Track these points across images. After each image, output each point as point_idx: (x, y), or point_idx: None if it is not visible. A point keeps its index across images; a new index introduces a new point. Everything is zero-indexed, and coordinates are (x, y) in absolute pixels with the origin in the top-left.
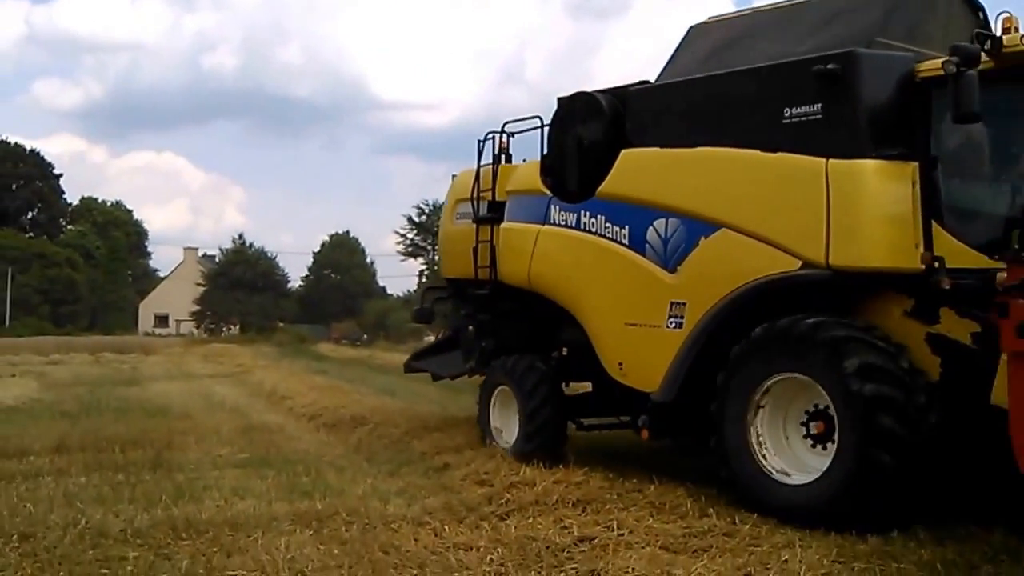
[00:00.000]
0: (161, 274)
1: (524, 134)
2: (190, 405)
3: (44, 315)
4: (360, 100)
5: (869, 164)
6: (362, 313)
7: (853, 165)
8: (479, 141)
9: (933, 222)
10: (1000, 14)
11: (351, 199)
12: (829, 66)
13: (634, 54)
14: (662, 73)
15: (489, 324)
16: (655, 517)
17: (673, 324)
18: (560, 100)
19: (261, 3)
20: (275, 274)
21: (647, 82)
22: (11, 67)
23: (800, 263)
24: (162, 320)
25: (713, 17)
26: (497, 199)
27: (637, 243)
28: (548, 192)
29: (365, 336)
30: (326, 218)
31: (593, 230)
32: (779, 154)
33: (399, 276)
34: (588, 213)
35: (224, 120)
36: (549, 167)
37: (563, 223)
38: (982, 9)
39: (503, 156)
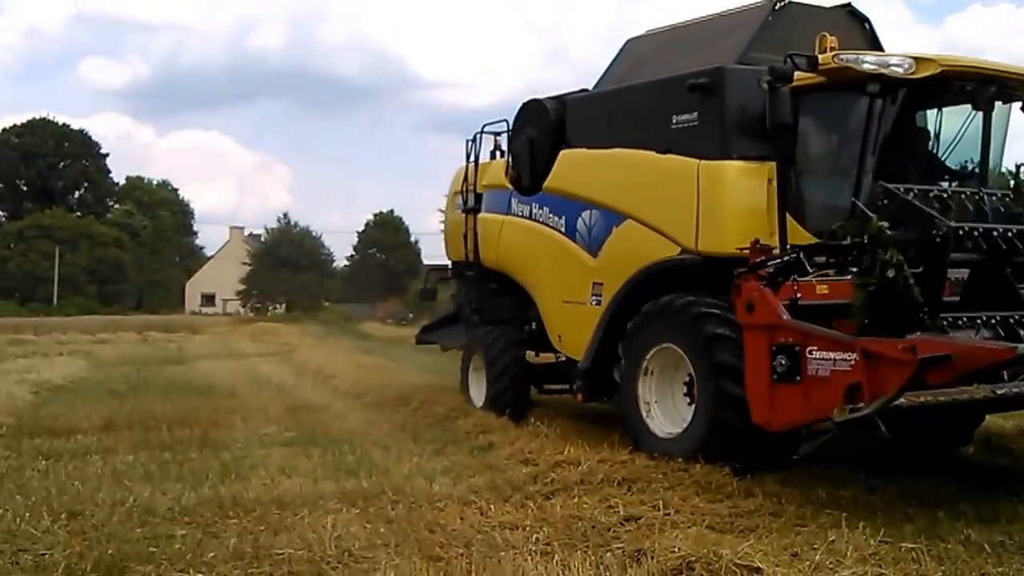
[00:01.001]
0: (207, 253)
1: None
2: (236, 384)
3: (91, 294)
4: (404, 79)
5: (731, 164)
6: (407, 292)
7: (718, 165)
8: (467, 141)
9: (787, 214)
10: (819, 35)
11: (395, 178)
12: (701, 80)
13: None
14: (599, 82)
15: (478, 301)
16: (701, 496)
17: (594, 301)
18: (521, 105)
19: None
20: (320, 253)
21: (586, 90)
22: (59, 47)
23: (679, 249)
24: (208, 299)
25: (649, 31)
26: (479, 192)
27: (571, 231)
28: (510, 187)
29: (411, 315)
30: (371, 197)
31: (541, 220)
32: (668, 155)
33: (443, 255)
34: (537, 205)
35: (269, 99)
36: (511, 165)
37: (521, 214)
38: (867, 20)
39: (497, 152)
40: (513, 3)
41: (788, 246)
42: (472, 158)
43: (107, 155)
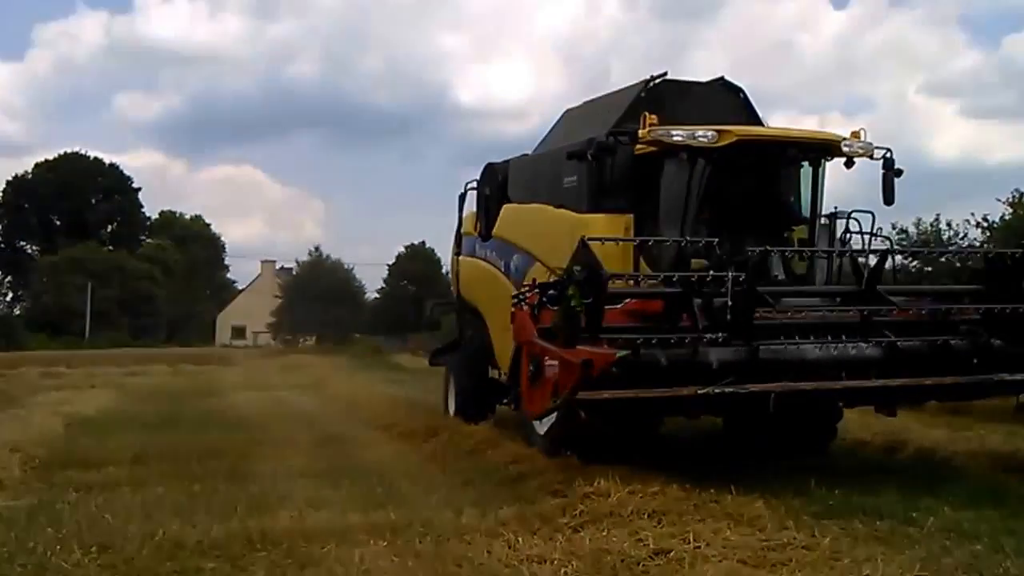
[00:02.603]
0: (239, 286)
1: None
2: (266, 416)
3: (123, 328)
4: (441, 109)
5: (597, 217)
6: (438, 324)
7: (587, 217)
8: (459, 195)
9: (641, 257)
10: (643, 113)
11: (430, 209)
12: (577, 149)
13: (726, 55)
14: (537, 147)
15: (465, 329)
16: (732, 529)
17: None
18: (483, 167)
19: (341, 11)
20: (351, 286)
21: (527, 155)
22: (93, 81)
23: None
24: (239, 332)
25: (582, 102)
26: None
27: (507, 270)
28: (476, 234)
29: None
30: (405, 229)
31: (490, 261)
32: (560, 209)
33: None
34: (490, 249)
35: (303, 132)
36: (477, 216)
37: (481, 256)
38: (741, 91)
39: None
40: (553, 29)
41: (532, 281)
42: (461, 210)
43: (139, 189)
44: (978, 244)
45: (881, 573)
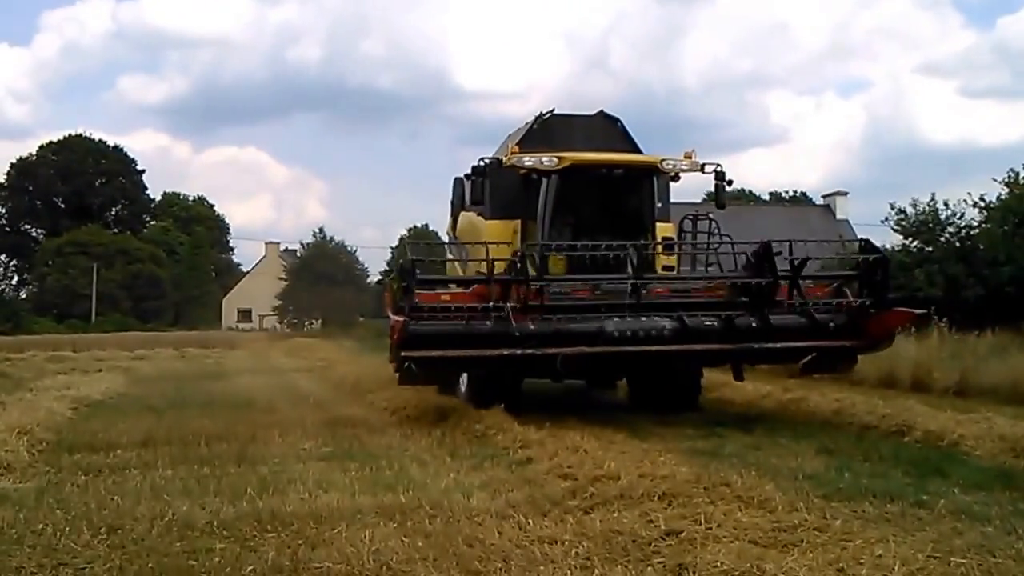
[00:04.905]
0: (244, 269)
1: None
2: (274, 399)
3: (128, 311)
4: (444, 90)
5: (493, 223)
6: None
7: (487, 223)
8: (451, 202)
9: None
10: (510, 145)
11: (433, 191)
12: (479, 167)
13: (722, 39)
14: None
15: None
16: (743, 511)
17: None
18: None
19: None
20: (355, 268)
21: None
22: (98, 64)
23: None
24: (245, 315)
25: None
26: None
27: (462, 265)
28: (451, 234)
29: None
30: (407, 211)
31: (455, 257)
32: (478, 216)
33: None
34: (455, 247)
35: (307, 114)
36: (450, 220)
37: (453, 254)
38: (619, 120)
39: None
40: (554, 12)
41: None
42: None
43: (144, 171)
44: (976, 224)
45: (892, 555)
